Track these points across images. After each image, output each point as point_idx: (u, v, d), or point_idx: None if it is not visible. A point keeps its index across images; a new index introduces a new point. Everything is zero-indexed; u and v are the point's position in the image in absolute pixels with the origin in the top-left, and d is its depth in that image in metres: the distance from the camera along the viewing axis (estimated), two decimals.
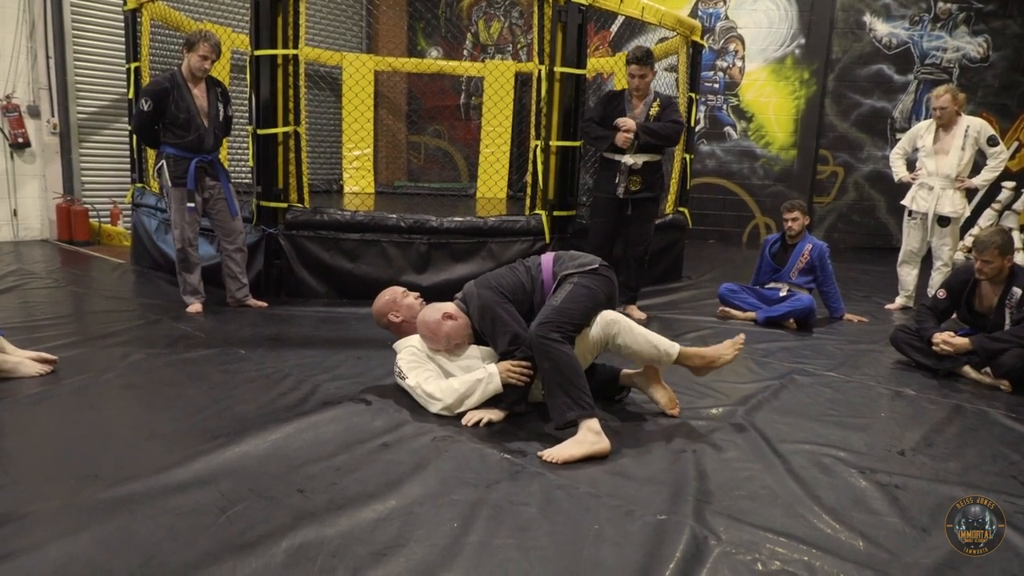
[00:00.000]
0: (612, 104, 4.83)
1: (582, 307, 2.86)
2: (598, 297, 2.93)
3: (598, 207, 4.96)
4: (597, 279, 2.97)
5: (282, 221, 5.04)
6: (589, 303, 2.89)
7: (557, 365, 2.68)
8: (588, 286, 2.91)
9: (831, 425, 3.00)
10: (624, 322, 2.91)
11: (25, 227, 7.61)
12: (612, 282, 3.05)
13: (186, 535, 1.94)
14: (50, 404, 2.90)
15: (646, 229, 4.92)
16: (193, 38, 4.39)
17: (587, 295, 2.89)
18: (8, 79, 7.27)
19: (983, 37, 8.66)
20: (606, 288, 2.99)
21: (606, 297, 2.98)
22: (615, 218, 4.89)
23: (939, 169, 5.30)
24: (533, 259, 3.14)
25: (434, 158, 11.02)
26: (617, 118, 4.69)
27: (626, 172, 4.73)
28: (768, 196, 9.45)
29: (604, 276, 3.00)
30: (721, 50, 9.39)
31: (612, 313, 2.95)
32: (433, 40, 11.08)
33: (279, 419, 2.79)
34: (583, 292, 2.89)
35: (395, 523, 2.05)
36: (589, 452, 2.54)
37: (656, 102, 4.77)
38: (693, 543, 1.99)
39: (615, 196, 4.80)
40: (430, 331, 3.03)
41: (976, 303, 3.89)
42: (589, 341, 2.91)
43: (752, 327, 4.81)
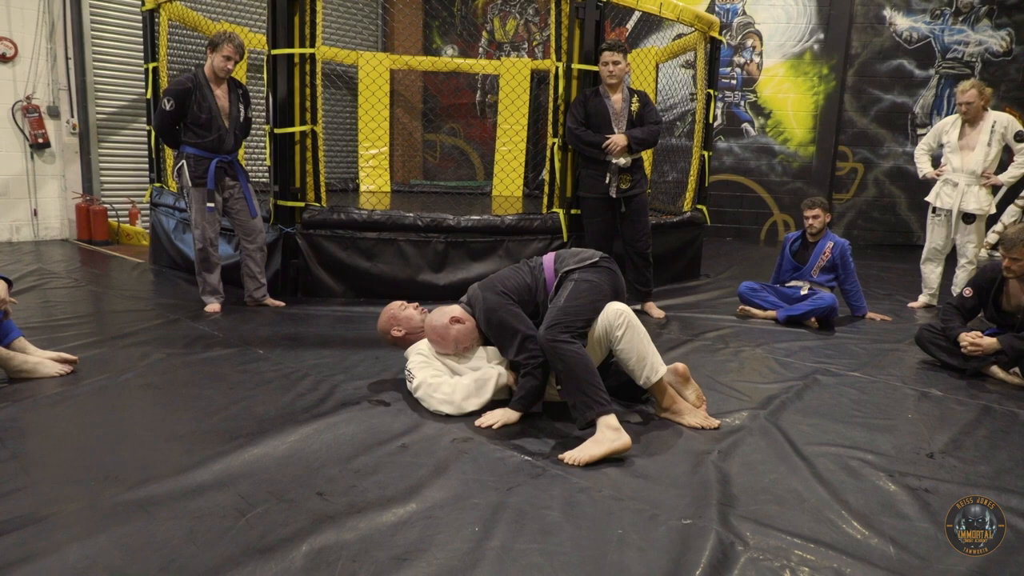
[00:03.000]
0: (592, 102, 4.81)
1: (586, 302, 2.84)
2: (603, 289, 2.91)
3: (591, 208, 4.94)
4: (599, 272, 2.95)
5: (299, 220, 5.04)
6: (594, 295, 2.87)
7: (570, 366, 2.66)
8: (590, 279, 2.90)
9: (857, 427, 2.95)
10: (632, 320, 2.82)
11: (45, 227, 7.67)
12: (615, 273, 3.02)
13: (205, 538, 1.92)
14: (70, 405, 2.90)
15: (643, 223, 4.90)
16: (217, 39, 4.39)
17: (589, 289, 2.88)
18: (28, 80, 7.33)
19: (1006, 30, 8.52)
20: (609, 280, 2.96)
21: (611, 288, 2.95)
22: (611, 217, 4.91)
23: (964, 165, 5.21)
24: (536, 259, 3.14)
25: (450, 156, 11.00)
26: (600, 119, 4.74)
27: (616, 171, 4.74)
28: (786, 193, 9.35)
29: (606, 268, 2.99)
30: (739, 46, 9.31)
31: (620, 306, 2.86)
32: (449, 38, 11.05)
33: (297, 420, 2.78)
34: (585, 287, 2.88)
35: (416, 527, 2.02)
36: (610, 450, 2.50)
37: (635, 99, 4.78)
38: (719, 549, 1.95)
39: (607, 196, 4.80)
40: (438, 335, 3.04)
41: (1003, 302, 3.81)
42: (595, 334, 2.87)
43: (773, 326, 4.76)
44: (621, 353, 2.83)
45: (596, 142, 4.72)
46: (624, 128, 4.73)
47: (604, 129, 4.74)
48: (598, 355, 2.95)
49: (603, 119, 4.75)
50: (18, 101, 7.29)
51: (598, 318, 2.85)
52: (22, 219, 7.51)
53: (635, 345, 2.80)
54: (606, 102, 4.76)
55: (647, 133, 4.74)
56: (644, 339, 2.82)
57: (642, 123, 4.77)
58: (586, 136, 4.79)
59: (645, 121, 4.77)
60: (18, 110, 7.29)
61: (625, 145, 4.66)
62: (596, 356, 2.92)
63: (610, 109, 4.75)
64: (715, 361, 3.90)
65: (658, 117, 4.85)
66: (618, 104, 4.77)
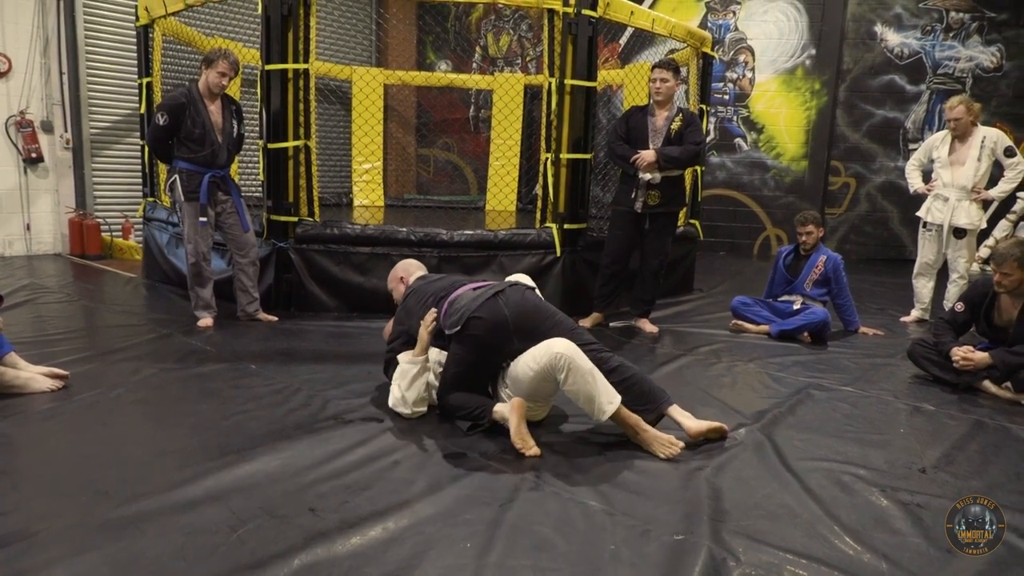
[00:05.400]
0: (635, 118, 4.82)
1: (454, 375, 2.98)
2: (467, 361, 2.96)
3: (616, 220, 4.94)
4: (460, 341, 2.94)
5: (292, 235, 5.04)
6: (460, 367, 2.97)
7: (446, 413, 3.01)
8: (454, 354, 2.99)
9: (849, 441, 2.95)
10: (573, 361, 2.72)
11: (38, 241, 7.65)
12: (478, 337, 2.91)
13: (196, 555, 1.91)
14: (61, 420, 2.89)
15: (663, 243, 4.88)
16: (212, 55, 4.41)
17: (456, 363, 2.98)
18: (22, 95, 7.32)
19: (996, 46, 8.61)
20: (478, 344, 2.93)
21: (484, 349, 2.95)
22: (632, 231, 4.86)
23: (955, 180, 5.25)
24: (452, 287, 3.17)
25: (443, 171, 11.03)
26: (638, 133, 4.71)
27: (644, 187, 4.71)
28: (779, 208, 9.40)
29: (469, 335, 2.91)
30: (731, 61, 9.38)
31: (560, 348, 2.75)
32: (442, 53, 11.11)
33: (290, 435, 2.77)
34: (452, 362, 3.00)
35: (408, 543, 2.02)
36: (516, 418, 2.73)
37: (679, 117, 4.72)
38: (711, 564, 1.95)
39: (633, 210, 4.79)
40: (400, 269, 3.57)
41: (995, 316, 3.83)
42: (539, 376, 2.78)
43: (766, 340, 4.77)
44: (569, 394, 2.77)
45: (627, 156, 4.70)
46: (660, 145, 4.67)
47: (640, 145, 4.71)
48: (548, 391, 2.88)
49: (641, 135, 4.73)
50: (12, 116, 7.28)
51: (541, 360, 2.75)
52: (15, 233, 7.49)
53: (580, 386, 2.71)
54: (648, 119, 4.75)
55: (682, 152, 4.62)
56: (589, 377, 2.72)
57: (681, 142, 4.67)
58: (619, 149, 4.78)
59: (684, 140, 4.67)
60: (11, 125, 7.28)
61: (653, 161, 4.60)
62: (545, 392, 2.88)
63: (650, 126, 4.73)
64: (708, 376, 3.90)
65: (700, 138, 4.73)
66: (660, 121, 4.73)
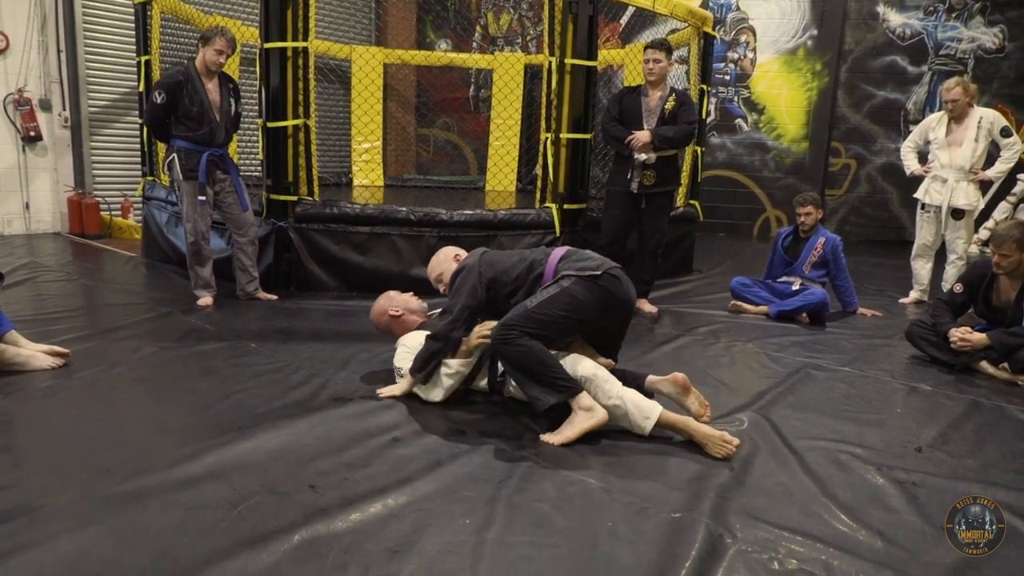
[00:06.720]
0: (628, 98, 4.81)
1: (555, 315, 2.68)
2: (583, 309, 2.72)
3: (612, 200, 4.93)
4: (592, 288, 2.74)
5: (292, 214, 5.03)
6: (568, 312, 2.69)
7: (515, 363, 2.66)
8: (575, 295, 2.71)
9: (846, 421, 2.97)
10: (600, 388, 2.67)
11: (37, 220, 7.64)
12: (610, 292, 2.77)
13: (197, 530, 1.93)
14: (62, 397, 2.90)
15: (660, 223, 4.89)
16: (209, 33, 4.38)
17: (568, 304, 2.69)
18: (20, 73, 7.28)
19: (999, 27, 8.55)
20: (599, 299, 2.75)
21: (599, 307, 2.75)
22: (629, 211, 4.87)
23: (952, 161, 5.24)
24: (543, 252, 2.97)
25: (443, 151, 10.99)
26: (632, 114, 4.71)
27: (639, 167, 4.70)
28: (779, 189, 9.38)
29: (602, 286, 2.75)
30: (732, 41, 9.32)
31: (587, 368, 2.71)
32: (442, 33, 11.04)
33: (290, 413, 2.79)
34: (564, 300, 2.70)
35: (407, 520, 2.03)
36: (584, 429, 2.56)
37: (672, 97, 4.71)
38: (709, 541, 1.97)
39: (629, 190, 4.78)
40: (443, 255, 3.24)
41: (993, 298, 3.84)
42: None
43: (765, 321, 4.79)
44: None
45: (621, 137, 4.70)
46: (655, 126, 4.67)
47: (634, 125, 4.70)
48: None
49: (635, 115, 4.73)
50: (9, 94, 7.24)
51: None
52: (14, 212, 7.48)
53: (609, 412, 2.65)
54: (642, 99, 4.75)
55: (676, 132, 4.63)
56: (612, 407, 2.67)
57: (675, 122, 4.67)
58: (613, 130, 4.77)
59: (678, 120, 4.67)
60: (9, 103, 7.25)
61: (648, 141, 4.60)
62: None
63: (643, 106, 4.72)
64: (707, 356, 3.92)
65: (693, 118, 4.70)
66: (653, 101, 4.72)
